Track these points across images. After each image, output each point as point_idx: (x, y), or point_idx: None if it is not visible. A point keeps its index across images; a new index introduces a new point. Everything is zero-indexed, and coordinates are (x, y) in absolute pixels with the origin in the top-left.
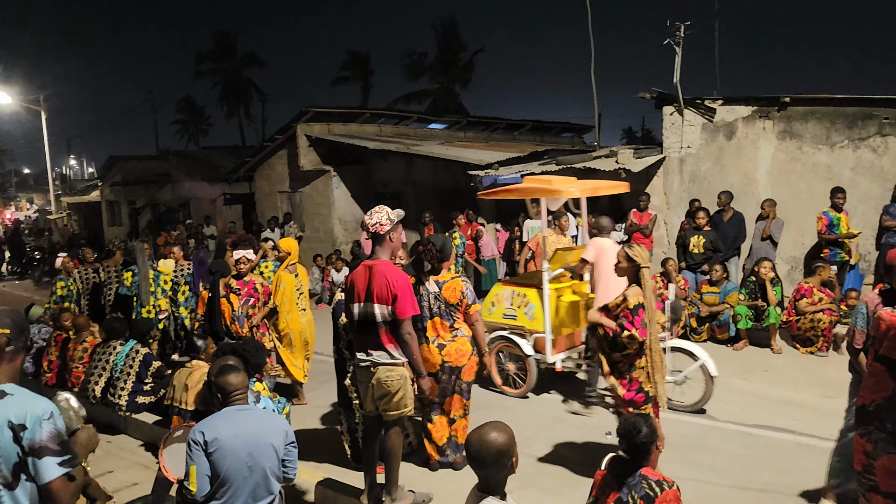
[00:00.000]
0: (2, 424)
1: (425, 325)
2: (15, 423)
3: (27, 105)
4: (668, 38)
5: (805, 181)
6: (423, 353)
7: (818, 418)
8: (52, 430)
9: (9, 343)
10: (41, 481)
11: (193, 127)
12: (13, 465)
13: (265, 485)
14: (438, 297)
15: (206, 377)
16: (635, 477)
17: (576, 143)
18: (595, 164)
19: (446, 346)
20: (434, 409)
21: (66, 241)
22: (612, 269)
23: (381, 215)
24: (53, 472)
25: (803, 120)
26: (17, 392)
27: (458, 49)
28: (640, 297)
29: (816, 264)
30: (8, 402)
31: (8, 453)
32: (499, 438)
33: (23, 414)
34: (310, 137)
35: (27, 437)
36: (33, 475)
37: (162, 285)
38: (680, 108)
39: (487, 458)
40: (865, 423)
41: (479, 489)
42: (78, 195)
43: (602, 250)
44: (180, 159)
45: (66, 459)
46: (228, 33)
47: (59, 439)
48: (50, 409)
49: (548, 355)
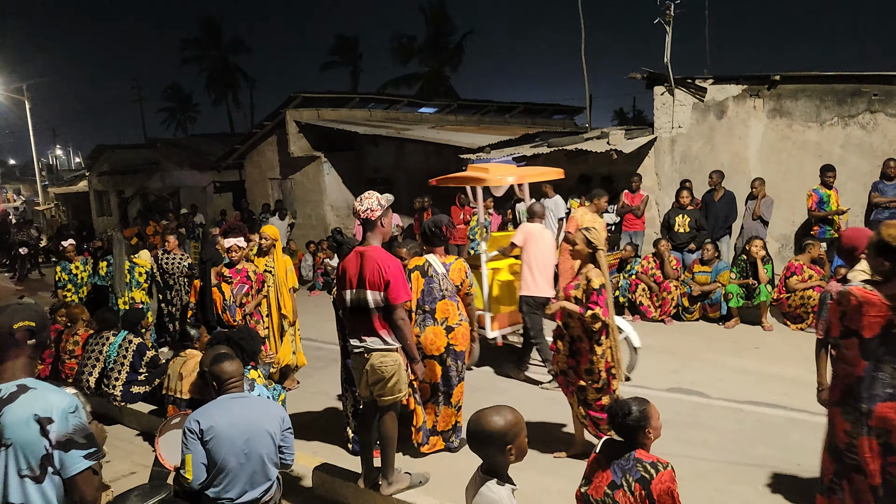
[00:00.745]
0: (28, 418)
1: (434, 306)
2: (42, 416)
3: (10, 95)
4: (658, 18)
5: (795, 159)
6: (428, 335)
7: (809, 393)
8: (78, 423)
9: (31, 336)
10: (67, 474)
11: (181, 114)
12: (41, 458)
13: (262, 471)
14: (446, 279)
15: (200, 366)
16: (629, 460)
17: (567, 125)
18: (586, 146)
19: (454, 330)
20: (439, 396)
21: (55, 233)
22: (539, 252)
23: (371, 201)
24: (80, 465)
25: (793, 98)
26: (39, 386)
27: (447, 32)
28: (601, 277)
29: (806, 242)
30: (32, 395)
31: (35, 447)
32: (497, 422)
33: (49, 407)
34: (299, 123)
35: (54, 430)
36: (59, 468)
37: (137, 277)
38: (671, 88)
39: (482, 439)
40: (844, 403)
41: (482, 470)
42: (65, 185)
43: (530, 235)
44: (169, 147)
45: (91, 452)
46: (213, 19)
47: (84, 432)
48: (75, 403)
49: (488, 331)
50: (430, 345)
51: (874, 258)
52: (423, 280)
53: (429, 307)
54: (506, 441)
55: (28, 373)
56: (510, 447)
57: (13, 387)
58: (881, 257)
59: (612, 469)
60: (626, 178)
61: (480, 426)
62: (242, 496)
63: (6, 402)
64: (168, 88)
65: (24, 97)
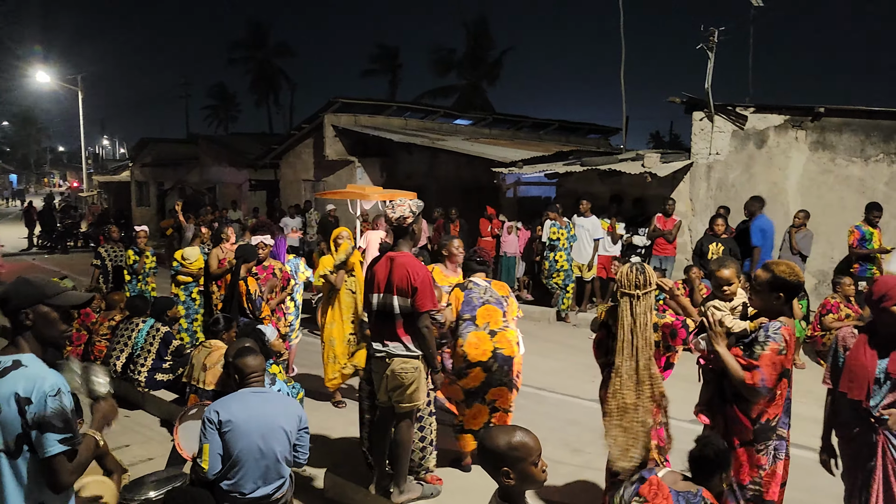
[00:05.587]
0: (9, 395)
1: (475, 313)
2: (21, 395)
3: (65, 84)
4: (701, 43)
5: (837, 194)
6: (471, 340)
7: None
8: (56, 406)
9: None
10: (42, 455)
11: (223, 112)
12: (16, 435)
13: (276, 468)
14: (489, 290)
15: (224, 358)
16: (697, 496)
17: (602, 145)
18: (620, 167)
19: (497, 333)
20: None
21: (95, 219)
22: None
23: (404, 208)
24: (54, 448)
25: (837, 131)
26: (32, 364)
27: (488, 46)
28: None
29: (837, 279)
30: (20, 373)
31: (13, 424)
32: (499, 440)
33: (31, 388)
34: (336, 128)
35: (31, 411)
36: (36, 448)
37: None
38: (710, 114)
39: (482, 454)
40: None
41: (498, 495)
42: (109, 174)
43: (369, 240)
44: (209, 144)
45: (66, 437)
46: (262, 23)
47: (62, 417)
48: (59, 385)
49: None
50: (474, 350)
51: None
52: (462, 294)
53: (469, 315)
54: (503, 463)
55: (30, 349)
56: (506, 470)
57: (9, 361)
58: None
59: (675, 498)
60: (658, 202)
61: (484, 440)
62: (255, 491)
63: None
64: (213, 87)
65: (78, 87)
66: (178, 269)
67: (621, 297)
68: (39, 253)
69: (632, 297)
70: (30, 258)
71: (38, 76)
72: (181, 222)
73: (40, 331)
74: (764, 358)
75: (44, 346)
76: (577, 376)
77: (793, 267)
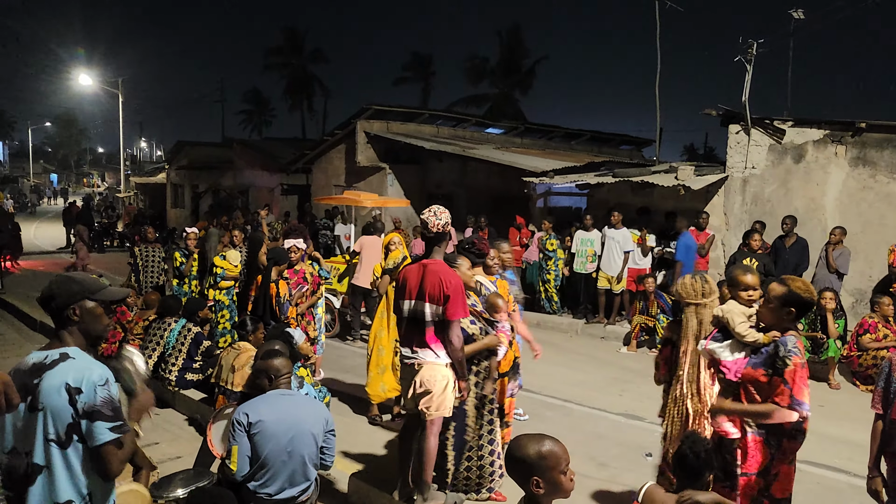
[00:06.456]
0: (59, 386)
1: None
2: (72, 385)
3: (106, 87)
4: (739, 56)
5: (877, 211)
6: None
7: None
8: (106, 395)
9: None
10: (92, 444)
11: (258, 117)
12: (67, 425)
13: (303, 471)
14: (497, 295)
15: (252, 360)
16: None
17: (634, 156)
18: (653, 179)
19: (513, 343)
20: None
21: (132, 219)
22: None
23: (446, 215)
24: (104, 436)
25: (879, 147)
26: (79, 356)
27: (521, 56)
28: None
29: (875, 298)
30: (69, 365)
31: (63, 414)
32: (529, 449)
33: (80, 378)
34: (368, 134)
35: (82, 400)
36: (85, 437)
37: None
38: (747, 128)
39: (511, 464)
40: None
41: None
42: (146, 176)
43: (362, 245)
44: (243, 148)
45: (116, 426)
46: (297, 30)
47: (111, 405)
48: (106, 375)
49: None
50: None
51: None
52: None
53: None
54: (532, 472)
55: (75, 343)
56: (537, 479)
57: (56, 354)
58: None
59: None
60: (690, 215)
61: (512, 449)
62: (281, 493)
63: (48, 369)
64: (248, 92)
65: (118, 91)
66: (224, 274)
67: (686, 307)
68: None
69: (697, 306)
70: (67, 256)
71: (81, 79)
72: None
73: (86, 325)
74: (789, 373)
75: (88, 339)
76: (605, 389)
77: (807, 284)
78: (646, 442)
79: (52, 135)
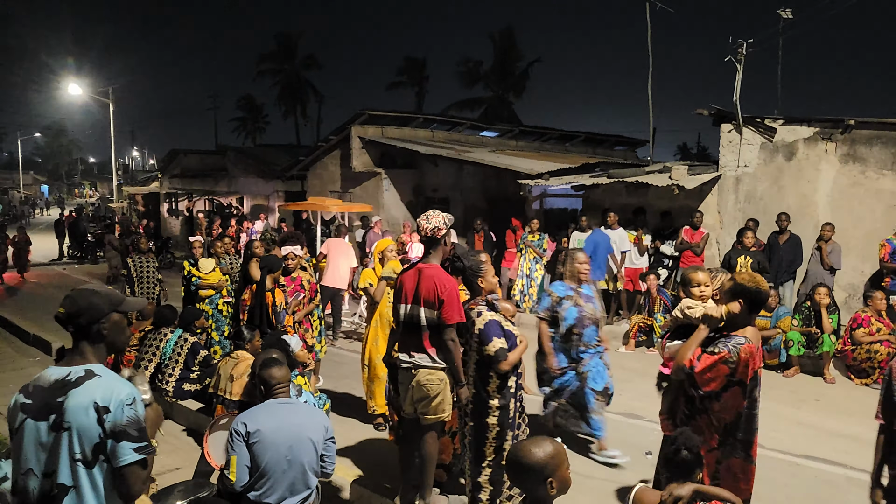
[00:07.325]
0: (88, 405)
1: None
2: (100, 404)
3: (96, 97)
4: (729, 55)
5: (867, 207)
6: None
7: (870, 452)
8: (132, 415)
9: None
10: (116, 464)
11: (251, 124)
12: (94, 444)
13: (303, 479)
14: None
15: (251, 369)
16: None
17: (629, 157)
18: (647, 179)
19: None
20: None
21: (124, 229)
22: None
23: (438, 220)
24: (129, 457)
25: (868, 144)
26: (105, 374)
27: (515, 59)
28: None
29: (868, 293)
30: (96, 382)
31: (91, 433)
32: (535, 454)
33: (108, 396)
34: (363, 139)
35: (110, 419)
36: (110, 457)
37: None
38: (738, 126)
39: (520, 472)
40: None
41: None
42: (139, 185)
43: (329, 247)
44: (237, 155)
45: (141, 446)
46: (290, 35)
47: (137, 425)
48: (134, 394)
49: None
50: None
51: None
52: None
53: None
54: (545, 474)
55: (97, 359)
56: (550, 480)
57: (81, 371)
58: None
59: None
60: (685, 214)
61: (519, 458)
62: (281, 502)
63: (73, 386)
64: (241, 99)
65: (109, 100)
66: (198, 282)
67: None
68: (69, 263)
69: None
70: (59, 268)
71: (71, 88)
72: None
73: (112, 338)
74: (706, 357)
75: (110, 353)
76: None
77: (753, 275)
78: (645, 441)
79: (42, 145)
